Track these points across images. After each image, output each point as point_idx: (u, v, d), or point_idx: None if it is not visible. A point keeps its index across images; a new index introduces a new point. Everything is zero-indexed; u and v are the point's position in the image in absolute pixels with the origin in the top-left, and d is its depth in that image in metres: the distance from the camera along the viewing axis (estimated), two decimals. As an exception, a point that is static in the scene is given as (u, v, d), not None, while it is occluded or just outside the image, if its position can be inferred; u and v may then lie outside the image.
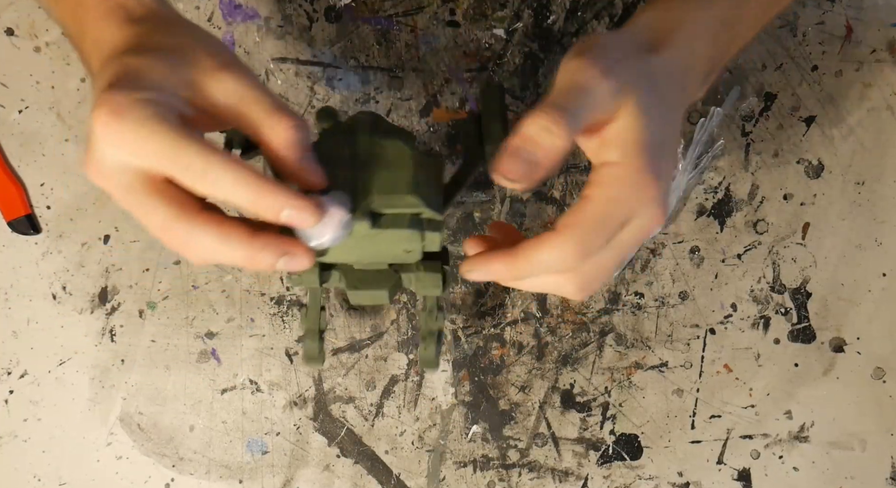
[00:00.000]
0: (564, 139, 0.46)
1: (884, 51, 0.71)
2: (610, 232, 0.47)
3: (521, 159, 0.46)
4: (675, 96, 0.51)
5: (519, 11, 0.70)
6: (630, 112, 0.47)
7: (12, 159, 0.70)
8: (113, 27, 0.49)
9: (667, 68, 0.51)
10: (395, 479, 0.70)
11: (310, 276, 0.52)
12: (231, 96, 0.46)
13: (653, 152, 0.48)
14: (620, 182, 0.47)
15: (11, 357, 0.70)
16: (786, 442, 0.70)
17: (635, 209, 0.48)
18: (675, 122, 0.51)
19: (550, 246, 0.47)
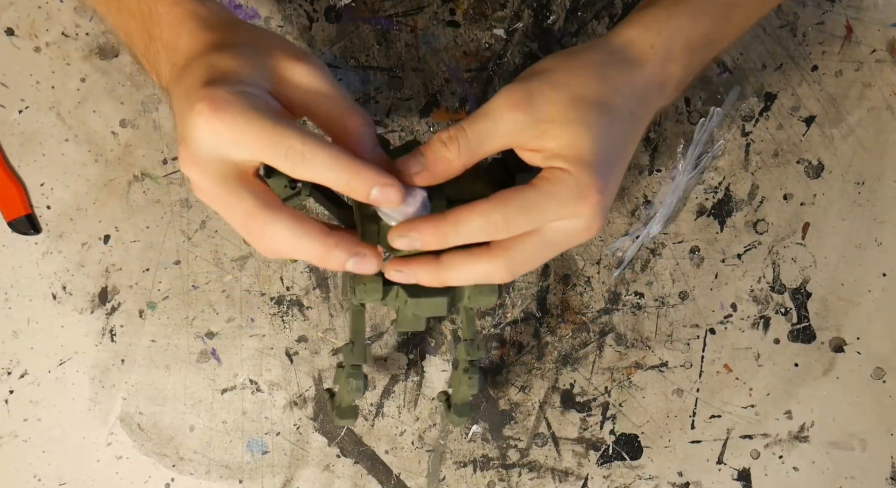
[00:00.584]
0: (454, 155, 0.51)
1: (884, 51, 0.71)
2: (536, 220, 0.51)
3: (415, 159, 0.51)
4: (643, 111, 0.55)
5: (519, 11, 0.70)
6: (574, 130, 0.51)
7: (12, 159, 0.70)
8: (189, 32, 0.52)
9: (642, 85, 0.54)
10: (395, 479, 0.70)
11: (373, 290, 0.55)
12: (308, 87, 0.51)
13: (600, 169, 0.51)
14: (564, 185, 0.51)
15: (11, 357, 0.70)
16: (786, 442, 0.70)
17: (570, 213, 0.51)
18: (631, 135, 0.54)
19: (480, 211, 0.50)
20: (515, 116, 0.51)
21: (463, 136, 0.51)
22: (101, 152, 0.71)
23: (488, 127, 0.51)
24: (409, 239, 0.51)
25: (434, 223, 0.51)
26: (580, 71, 0.53)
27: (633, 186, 0.70)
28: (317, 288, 0.70)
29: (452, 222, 0.50)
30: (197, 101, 0.47)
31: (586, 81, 0.52)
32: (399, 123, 0.70)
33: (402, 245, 0.51)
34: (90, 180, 0.71)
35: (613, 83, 0.53)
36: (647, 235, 0.70)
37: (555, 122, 0.51)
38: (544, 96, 0.52)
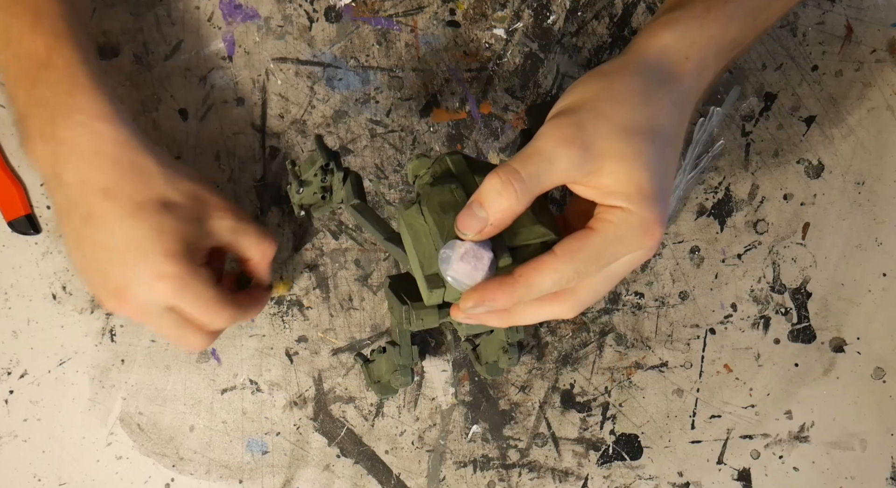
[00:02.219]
0: (513, 202, 0.49)
1: (884, 51, 0.71)
2: (606, 263, 0.51)
3: (474, 216, 0.50)
4: (682, 125, 0.54)
5: (519, 11, 0.70)
6: (631, 166, 0.50)
7: (12, 159, 0.70)
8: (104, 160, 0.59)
9: (681, 100, 0.53)
10: (395, 479, 0.70)
11: (431, 318, 0.56)
12: (231, 232, 0.62)
13: (659, 199, 0.50)
14: (628, 225, 0.50)
15: (11, 357, 0.70)
16: (786, 442, 0.70)
17: (637, 249, 0.51)
18: (676, 152, 0.53)
19: (551, 269, 0.49)
20: (570, 153, 0.49)
21: (518, 180, 0.49)
22: (101, 152, 0.71)
23: (544, 167, 0.50)
24: (485, 307, 0.50)
25: (507, 288, 0.50)
26: (625, 99, 0.51)
27: (633, 186, 0.70)
28: (317, 288, 0.70)
29: (525, 285, 0.50)
30: (163, 274, 0.57)
31: (632, 109, 0.51)
32: (399, 123, 0.70)
33: (477, 311, 0.50)
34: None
35: (657, 106, 0.52)
36: (647, 235, 0.70)
37: (610, 158, 0.50)
38: (596, 131, 0.50)
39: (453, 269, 0.50)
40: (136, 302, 0.58)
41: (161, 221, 0.57)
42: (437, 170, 0.54)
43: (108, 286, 0.58)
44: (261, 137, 0.70)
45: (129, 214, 0.57)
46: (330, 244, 0.70)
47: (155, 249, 0.57)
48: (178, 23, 0.70)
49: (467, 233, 0.50)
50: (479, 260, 0.50)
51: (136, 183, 0.58)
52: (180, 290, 0.57)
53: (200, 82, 0.70)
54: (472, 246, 0.50)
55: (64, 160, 0.58)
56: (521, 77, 0.70)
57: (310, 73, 0.70)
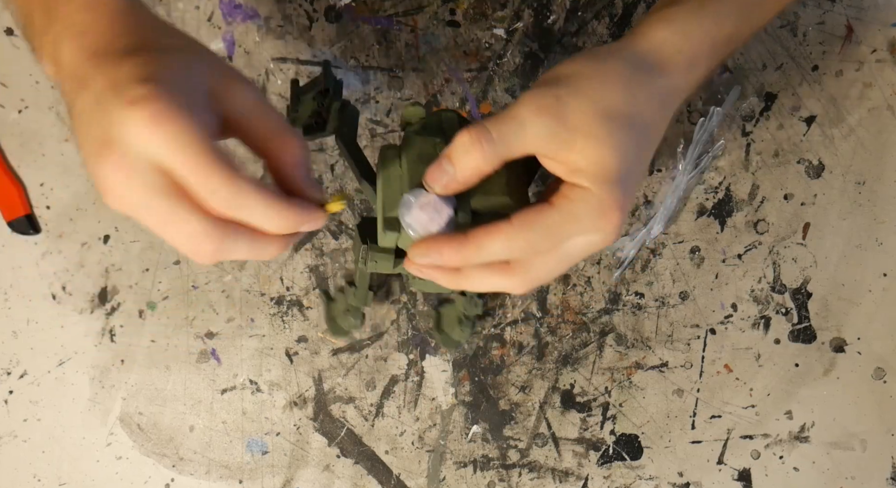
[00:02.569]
0: (479, 160, 0.50)
1: (884, 51, 0.71)
2: (559, 240, 0.51)
3: (442, 170, 0.50)
4: (664, 119, 0.54)
5: (519, 11, 0.70)
6: (600, 147, 0.50)
7: (12, 159, 0.70)
8: (112, 15, 0.48)
9: (666, 93, 0.53)
10: (395, 479, 0.70)
11: (385, 262, 0.55)
12: (246, 108, 0.48)
13: (622, 185, 0.50)
14: (587, 205, 0.50)
15: (11, 357, 0.70)
16: (786, 442, 0.70)
17: (591, 230, 0.51)
18: (652, 145, 0.54)
19: (503, 236, 0.50)
20: (544, 122, 0.50)
21: (488, 140, 0.50)
22: (101, 152, 0.71)
23: (514, 130, 0.50)
24: (430, 258, 0.51)
25: (457, 245, 0.50)
26: (608, 81, 0.52)
27: (633, 186, 0.70)
28: (317, 288, 0.70)
29: (475, 246, 0.50)
30: (134, 97, 0.43)
31: (614, 93, 0.51)
32: (399, 123, 0.70)
33: (422, 262, 0.51)
34: (90, 180, 0.71)
35: (640, 95, 0.52)
36: (648, 235, 0.70)
37: (582, 135, 0.50)
38: (572, 105, 0.50)
39: (411, 216, 0.51)
40: (116, 156, 0.44)
41: (147, 60, 0.46)
42: (429, 122, 0.55)
43: (91, 146, 0.46)
44: (261, 137, 0.70)
45: (115, 62, 0.46)
46: (330, 244, 0.70)
47: (130, 78, 0.44)
48: (178, 23, 0.70)
49: (434, 185, 0.51)
50: (437, 212, 0.51)
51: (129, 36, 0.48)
52: (156, 121, 0.43)
53: (200, 82, 0.70)
54: (435, 198, 0.51)
55: (60, 39, 0.50)
56: (521, 77, 0.70)
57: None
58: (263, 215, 0.46)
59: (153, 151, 0.44)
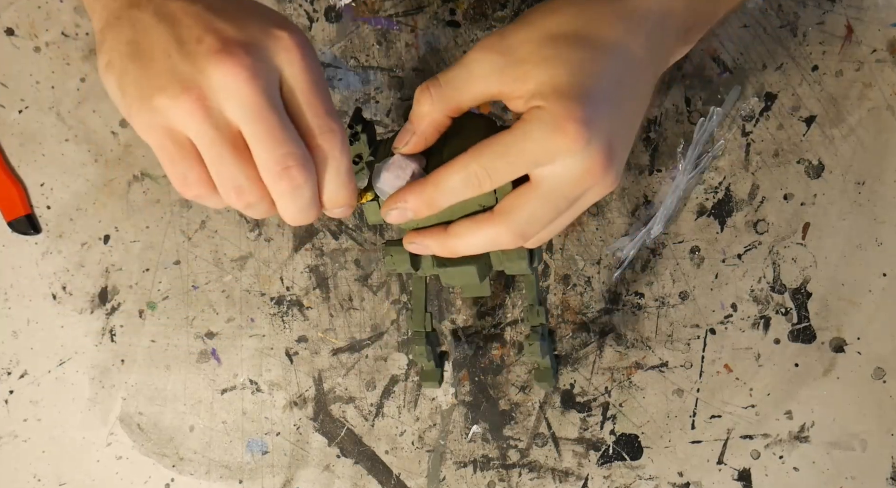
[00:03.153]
0: (427, 106, 0.50)
1: (884, 51, 0.71)
2: (517, 162, 0.48)
3: (405, 130, 0.51)
4: (637, 42, 0.50)
5: (519, 11, 0.70)
6: (549, 66, 0.48)
7: (12, 159, 0.70)
8: None
9: (631, 12, 0.50)
10: (395, 479, 0.70)
11: (402, 261, 0.56)
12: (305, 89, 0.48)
13: (580, 99, 0.47)
14: (539, 121, 0.47)
15: (11, 357, 0.70)
16: (786, 442, 0.70)
17: (549, 148, 0.47)
18: (633, 71, 0.50)
19: (458, 166, 0.49)
20: (490, 58, 0.49)
21: (435, 85, 0.49)
22: (101, 152, 0.71)
23: (462, 73, 0.49)
24: (399, 210, 0.50)
25: (417, 189, 0.50)
26: (558, 9, 0.50)
27: (633, 186, 0.70)
28: (317, 288, 0.70)
29: (433, 183, 0.49)
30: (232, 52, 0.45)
31: (562, 17, 0.49)
32: (399, 123, 0.70)
33: (394, 218, 0.51)
34: (90, 180, 0.71)
35: (595, 16, 0.50)
36: (648, 235, 0.70)
37: (530, 62, 0.48)
38: (518, 37, 0.49)
39: (380, 180, 0.51)
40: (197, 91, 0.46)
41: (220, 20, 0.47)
42: None
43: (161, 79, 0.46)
44: (261, 137, 0.70)
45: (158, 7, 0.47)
46: (330, 244, 0.70)
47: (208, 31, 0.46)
48: (178, 23, 0.70)
49: (398, 145, 0.51)
50: (402, 169, 0.51)
51: None
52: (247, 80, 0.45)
53: (200, 82, 0.70)
54: (399, 158, 0.51)
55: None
56: (521, 77, 0.70)
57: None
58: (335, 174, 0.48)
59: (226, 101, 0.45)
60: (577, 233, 0.70)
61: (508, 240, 0.50)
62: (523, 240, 0.50)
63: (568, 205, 0.50)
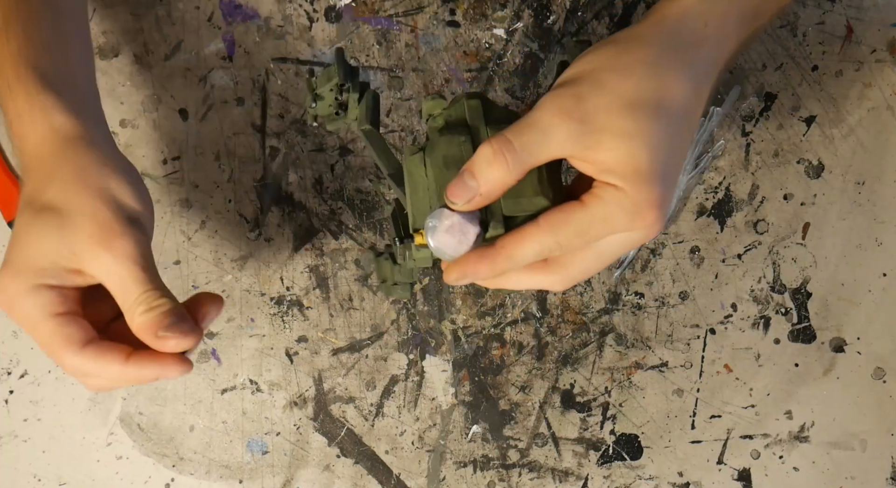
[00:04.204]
0: (504, 173, 0.48)
1: (884, 51, 0.71)
2: (591, 240, 0.49)
3: (464, 186, 0.49)
4: (698, 100, 0.50)
5: (519, 11, 0.70)
6: (630, 144, 0.47)
7: (12, 159, 0.70)
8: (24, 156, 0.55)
9: (697, 72, 0.50)
10: (396, 479, 0.70)
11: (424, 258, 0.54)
12: (101, 273, 0.52)
13: (657, 181, 0.48)
14: (620, 206, 0.48)
15: (11, 357, 0.70)
16: (786, 442, 0.70)
17: (625, 230, 0.49)
18: (690, 129, 0.51)
19: (532, 240, 0.49)
20: (567, 126, 0.47)
21: (510, 151, 0.48)
22: (101, 152, 0.71)
23: (537, 139, 0.48)
24: (467, 279, 0.50)
25: (489, 261, 0.49)
26: (632, 69, 0.48)
27: (633, 186, 0.70)
28: (317, 288, 0.70)
29: (506, 257, 0.49)
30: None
31: (639, 82, 0.48)
32: (399, 123, 0.70)
33: (460, 283, 0.51)
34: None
35: (669, 77, 0.49)
36: (648, 235, 0.70)
37: (609, 133, 0.47)
38: (596, 103, 0.48)
39: (438, 240, 0.50)
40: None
41: (21, 226, 0.52)
42: (452, 114, 0.53)
43: None
44: (261, 137, 0.70)
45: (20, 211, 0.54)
46: (330, 244, 0.70)
47: (6, 252, 0.53)
48: (178, 23, 0.70)
49: (456, 202, 0.49)
50: (464, 234, 0.49)
51: (34, 179, 0.54)
52: (8, 308, 0.52)
53: (200, 82, 0.70)
54: (459, 219, 0.49)
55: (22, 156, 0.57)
56: (521, 77, 0.70)
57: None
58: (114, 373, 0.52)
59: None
60: (577, 233, 0.70)
61: (558, 288, 0.52)
62: (568, 287, 0.52)
63: (615, 258, 0.51)
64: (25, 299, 0.51)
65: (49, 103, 0.54)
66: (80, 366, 0.51)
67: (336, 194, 0.70)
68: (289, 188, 0.70)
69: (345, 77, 0.56)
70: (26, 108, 0.54)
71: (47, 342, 0.51)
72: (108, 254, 0.51)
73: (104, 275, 0.52)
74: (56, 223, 0.51)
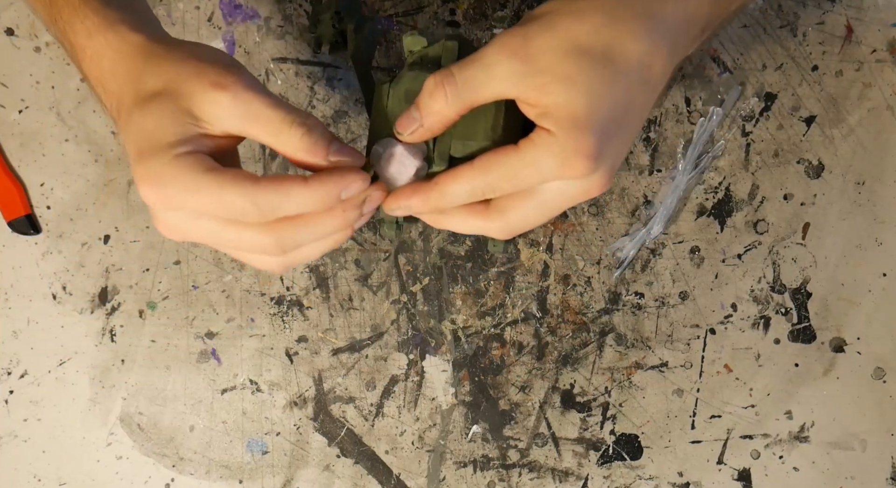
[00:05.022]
0: (442, 105, 0.48)
1: (884, 51, 0.71)
2: (522, 184, 0.48)
3: (410, 117, 0.49)
4: (659, 57, 0.49)
5: (519, 11, 0.70)
6: (568, 88, 0.47)
7: (12, 159, 0.70)
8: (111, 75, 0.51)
9: (660, 25, 0.49)
10: (395, 479, 0.70)
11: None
12: (232, 118, 0.48)
13: (594, 130, 0.47)
14: (549, 150, 0.47)
15: (11, 357, 0.70)
16: (786, 442, 0.70)
17: (560, 177, 0.48)
18: (647, 89, 0.49)
19: (465, 179, 0.49)
20: (511, 64, 0.47)
21: (451, 83, 0.48)
22: (101, 152, 0.71)
23: (480, 74, 0.47)
24: (402, 209, 0.50)
25: (423, 194, 0.50)
26: (585, 15, 0.47)
27: (633, 186, 0.70)
28: (317, 288, 0.70)
29: (440, 192, 0.49)
30: (138, 180, 0.47)
31: (591, 28, 0.47)
32: (399, 123, 0.70)
33: (396, 213, 0.51)
34: (90, 180, 0.71)
35: (624, 29, 0.47)
36: (648, 235, 0.70)
37: (551, 74, 0.46)
38: (542, 44, 0.47)
39: (381, 168, 0.51)
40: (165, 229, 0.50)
41: (134, 121, 0.49)
42: (429, 53, 0.53)
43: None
44: (261, 137, 0.70)
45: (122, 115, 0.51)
46: (330, 244, 0.70)
47: (130, 152, 0.49)
48: (178, 23, 0.70)
49: (402, 132, 0.50)
50: (404, 166, 0.50)
51: (126, 84, 0.51)
52: (154, 189, 0.47)
53: (200, 82, 0.70)
54: (401, 150, 0.50)
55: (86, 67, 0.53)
56: (521, 77, 0.70)
57: (310, 72, 0.70)
58: (299, 198, 0.47)
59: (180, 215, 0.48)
60: (577, 233, 0.70)
61: (497, 235, 0.51)
62: (510, 236, 0.52)
63: (559, 212, 0.51)
64: (174, 168, 0.47)
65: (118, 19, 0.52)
66: (269, 202, 0.46)
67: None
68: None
69: (340, 4, 0.56)
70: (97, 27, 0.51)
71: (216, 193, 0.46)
72: (229, 93, 0.48)
73: (235, 119, 0.48)
74: (168, 99, 0.48)
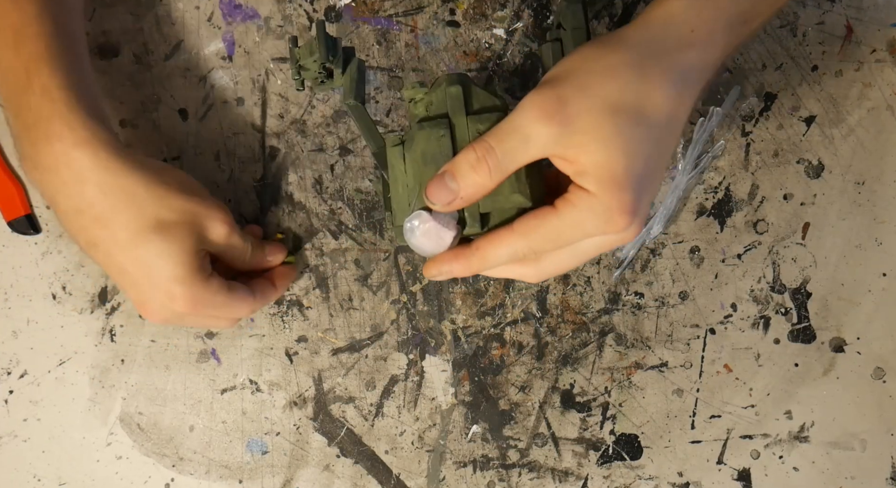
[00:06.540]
0: (485, 179, 0.49)
1: (884, 51, 0.71)
2: (563, 244, 0.50)
3: (445, 187, 0.50)
4: (682, 107, 0.50)
5: (519, 11, 0.70)
6: (607, 148, 0.48)
7: (12, 159, 0.70)
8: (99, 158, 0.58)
9: (681, 77, 0.50)
10: (395, 479, 0.70)
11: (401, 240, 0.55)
12: (220, 245, 0.62)
13: (632, 187, 0.48)
14: (592, 212, 0.49)
15: (11, 357, 0.70)
16: (786, 442, 0.70)
17: (601, 234, 0.50)
18: (672, 136, 0.51)
19: (506, 244, 0.50)
20: (549, 129, 0.48)
21: (492, 157, 0.48)
22: (100, 152, 0.71)
23: (520, 145, 0.48)
24: (442, 275, 0.52)
25: (464, 260, 0.51)
26: (615, 72, 0.48)
27: (633, 186, 0.70)
28: (317, 288, 0.70)
29: (481, 257, 0.51)
30: (174, 296, 0.59)
31: (622, 85, 0.48)
32: (399, 123, 0.70)
33: (437, 279, 0.53)
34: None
35: (653, 82, 0.49)
36: (648, 235, 0.70)
37: (588, 136, 0.47)
38: (578, 106, 0.48)
39: (416, 242, 0.51)
40: (158, 315, 0.60)
41: (160, 247, 0.57)
42: (433, 101, 0.53)
43: (133, 299, 0.61)
44: (261, 137, 0.70)
45: (128, 243, 0.57)
46: (330, 244, 0.70)
47: (161, 274, 0.58)
48: (178, 23, 0.70)
49: (436, 203, 0.50)
50: (440, 238, 0.51)
51: (128, 210, 0.57)
52: (192, 305, 0.59)
53: (200, 82, 0.70)
54: (435, 225, 0.51)
55: (53, 188, 0.57)
56: (521, 77, 0.70)
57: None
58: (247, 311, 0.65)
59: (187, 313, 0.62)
60: (576, 233, 0.70)
61: (531, 279, 0.54)
62: (542, 279, 0.54)
63: (591, 258, 0.53)
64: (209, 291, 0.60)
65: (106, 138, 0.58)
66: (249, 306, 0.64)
67: (336, 194, 0.70)
68: (288, 188, 0.70)
69: (327, 53, 0.56)
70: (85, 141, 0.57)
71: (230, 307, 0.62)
72: (229, 227, 0.61)
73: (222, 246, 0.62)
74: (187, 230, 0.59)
